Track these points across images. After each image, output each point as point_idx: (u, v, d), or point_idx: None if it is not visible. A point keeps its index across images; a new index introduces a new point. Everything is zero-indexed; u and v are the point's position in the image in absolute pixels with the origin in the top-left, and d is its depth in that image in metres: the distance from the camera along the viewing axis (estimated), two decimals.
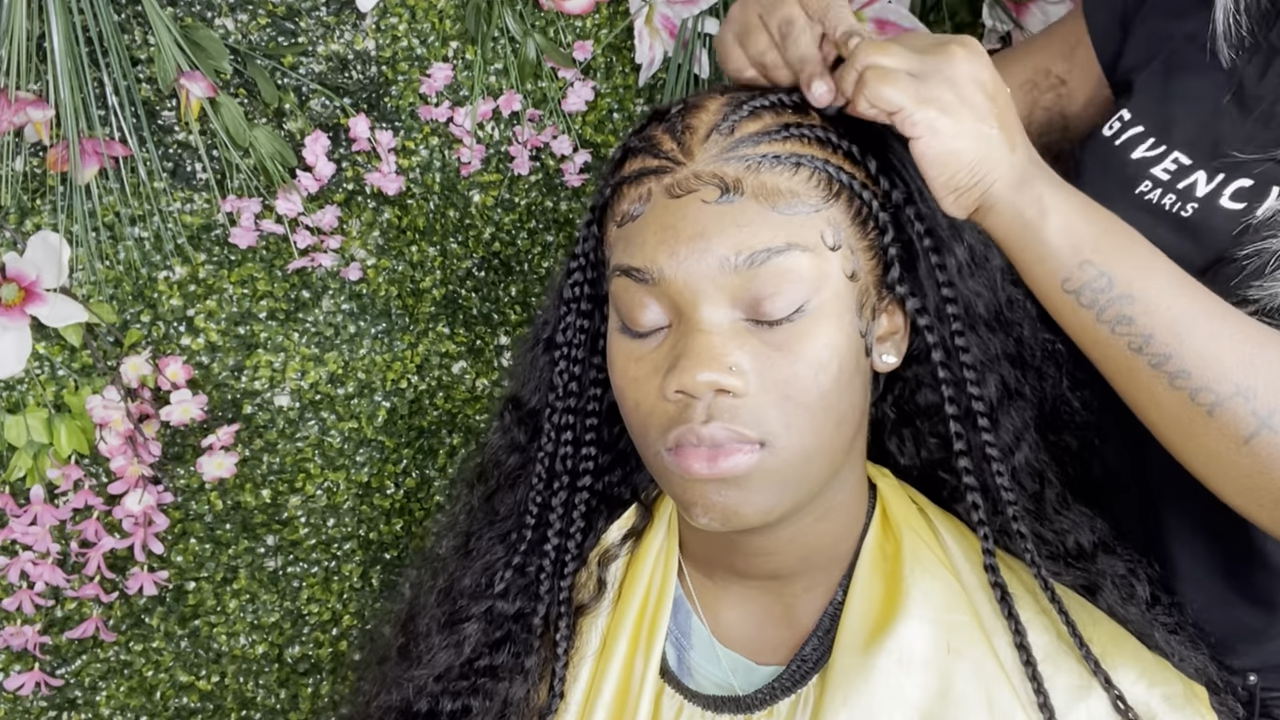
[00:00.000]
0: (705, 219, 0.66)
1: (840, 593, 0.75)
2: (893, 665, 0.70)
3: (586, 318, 0.77)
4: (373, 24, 1.12)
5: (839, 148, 0.69)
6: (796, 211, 0.66)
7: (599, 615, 0.79)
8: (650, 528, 0.81)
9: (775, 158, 0.67)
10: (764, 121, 0.68)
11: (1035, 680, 0.70)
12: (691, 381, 0.64)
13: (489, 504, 0.84)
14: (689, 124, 0.69)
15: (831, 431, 0.68)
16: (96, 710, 1.19)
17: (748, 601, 0.77)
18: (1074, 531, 0.77)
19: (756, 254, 0.65)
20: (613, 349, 0.71)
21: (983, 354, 0.74)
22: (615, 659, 0.76)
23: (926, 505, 0.78)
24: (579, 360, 0.78)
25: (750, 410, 0.65)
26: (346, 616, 1.24)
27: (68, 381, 1.11)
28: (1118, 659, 0.71)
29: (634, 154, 0.71)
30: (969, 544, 0.76)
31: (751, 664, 0.76)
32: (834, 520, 0.74)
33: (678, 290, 0.66)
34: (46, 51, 1.01)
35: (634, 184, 0.69)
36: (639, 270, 0.67)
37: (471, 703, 0.78)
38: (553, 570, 0.79)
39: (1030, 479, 0.76)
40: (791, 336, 0.66)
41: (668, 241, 0.66)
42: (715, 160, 0.67)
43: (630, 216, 0.69)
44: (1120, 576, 0.77)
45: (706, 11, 1.14)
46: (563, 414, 0.78)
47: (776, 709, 0.73)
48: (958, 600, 0.73)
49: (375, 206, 1.16)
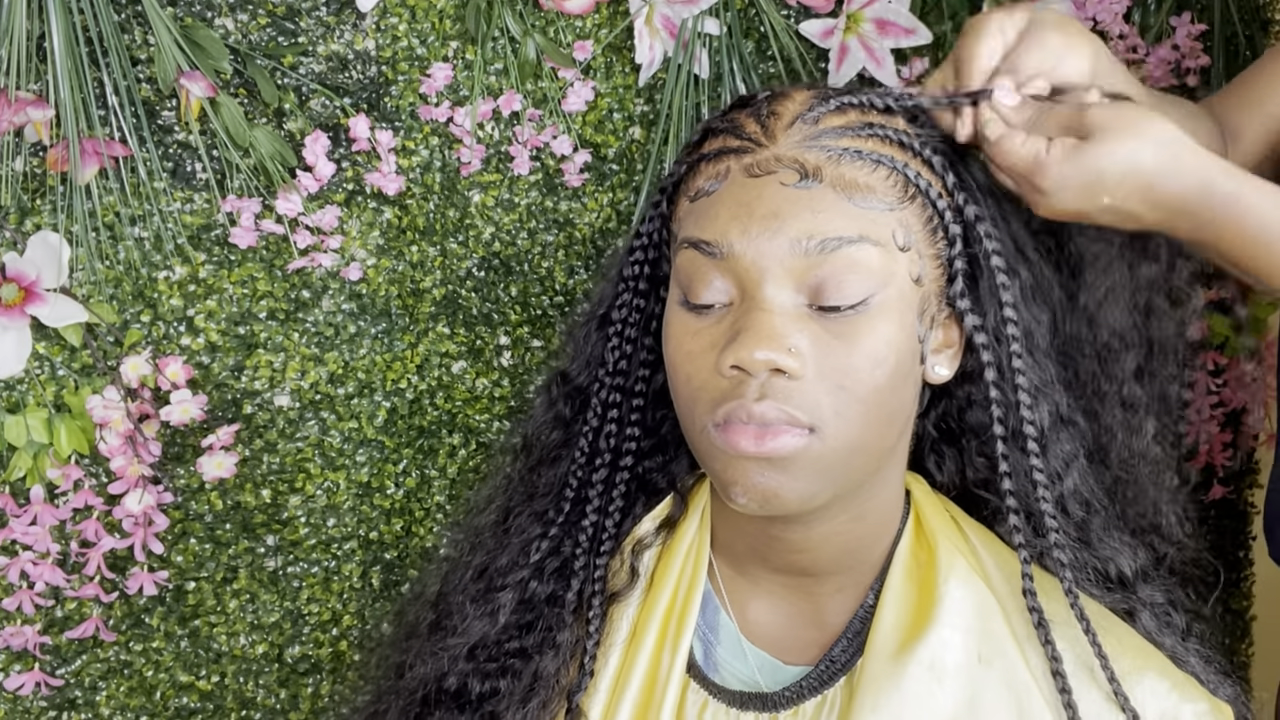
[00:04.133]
0: (780, 200, 0.66)
1: (872, 596, 0.75)
2: (924, 673, 0.70)
3: (643, 297, 0.77)
4: (373, 24, 1.12)
5: (919, 154, 0.70)
6: (871, 207, 0.67)
7: (630, 604, 0.78)
8: (684, 519, 0.80)
9: (856, 152, 0.68)
10: (849, 117, 0.69)
11: (1066, 692, 0.70)
12: (749, 357, 0.64)
13: (529, 478, 0.84)
14: (774, 110, 0.70)
15: (879, 427, 0.68)
16: (96, 710, 1.19)
17: (777, 599, 0.77)
18: (1115, 559, 0.77)
19: (828, 240, 0.65)
20: (671, 322, 0.71)
21: (1038, 379, 0.74)
22: (644, 650, 0.76)
23: (960, 515, 0.78)
24: (631, 340, 0.78)
25: (804, 394, 0.65)
26: (346, 616, 1.24)
27: (68, 381, 1.11)
28: (1149, 670, 0.71)
29: (715, 134, 0.71)
30: (1002, 556, 0.76)
31: (779, 663, 0.76)
32: (870, 522, 0.74)
33: (745, 267, 0.66)
34: (46, 51, 1.01)
35: (712, 161, 0.70)
36: (708, 243, 0.67)
37: (500, 684, 0.78)
38: (589, 548, 0.79)
39: (1078, 506, 0.76)
40: (853, 327, 0.66)
41: (740, 218, 0.66)
42: (797, 146, 0.68)
43: (705, 192, 0.69)
44: (1158, 605, 0.77)
45: (706, 11, 1.14)
46: (610, 391, 0.79)
47: (802, 709, 0.73)
48: (990, 610, 0.73)
49: (375, 206, 1.16)
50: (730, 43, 1.16)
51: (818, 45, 1.17)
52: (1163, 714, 0.70)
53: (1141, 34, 1.20)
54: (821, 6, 1.16)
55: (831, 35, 1.16)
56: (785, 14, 1.17)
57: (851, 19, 1.15)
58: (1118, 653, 0.71)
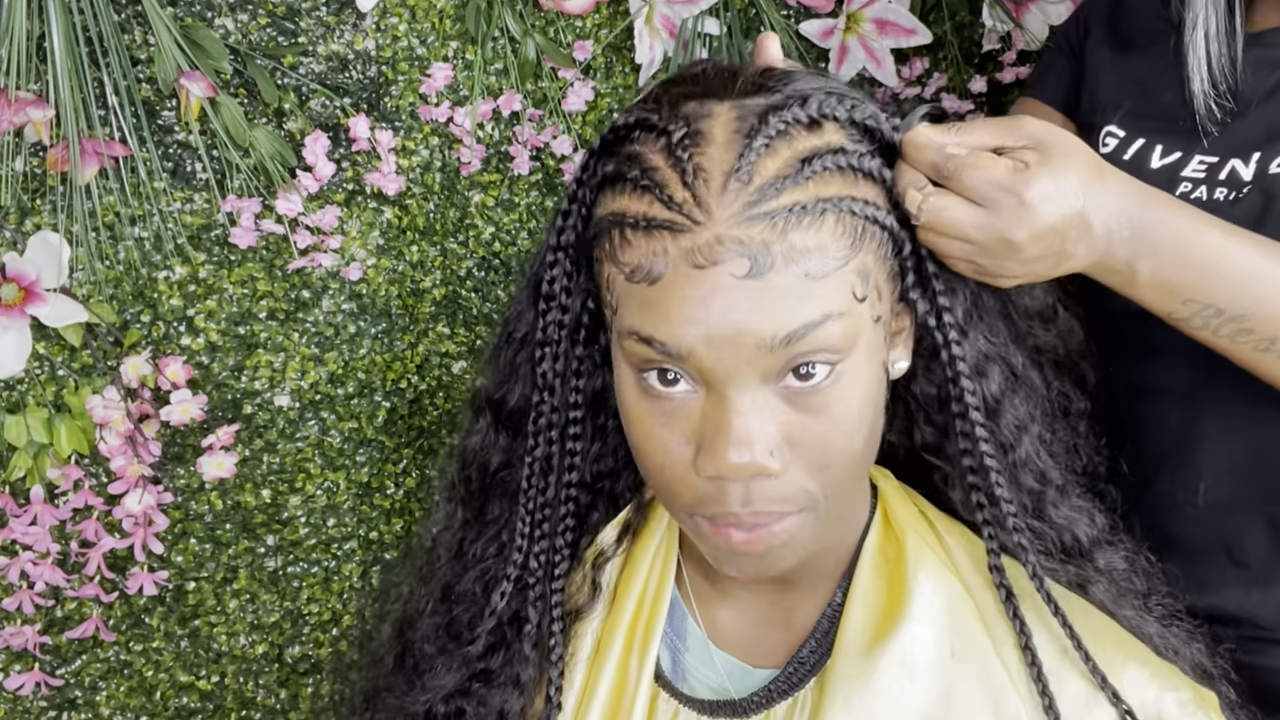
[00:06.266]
0: (736, 297, 0.61)
1: (840, 594, 0.74)
2: (895, 669, 0.70)
3: (565, 311, 0.74)
4: (373, 24, 1.12)
5: (859, 170, 0.66)
6: (826, 270, 0.63)
7: (592, 618, 0.78)
8: (646, 525, 0.80)
9: (801, 209, 0.62)
10: (781, 158, 0.63)
11: (1040, 682, 0.70)
12: (729, 467, 0.62)
13: (474, 508, 0.82)
14: (699, 165, 0.63)
15: (863, 471, 0.68)
16: (96, 710, 1.19)
17: (745, 604, 0.76)
18: (1071, 526, 0.76)
19: (795, 332, 0.62)
20: (631, 406, 0.67)
21: (989, 346, 0.73)
22: (609, 663, 0.75)
23: (928, 508, 0.78)
24: (559, 355, 0.75)
25: (789, 485, 0.64)
26: (346, 616, 1.24)
27: (68, 381, 1.11)
28: (1130, 661, 0.71)
29: (635, 188, 0.64)
30: (973, 548, 0.76)
31: (747, 667, 0.76)
32: (839, 524, 0.74)
33: (709, 368, 0.63)
34: (46, 51, 1.01)
35: (645, 235, 0.64)
36: (663, 343, 0.63)
37: (465, 706, 0.77)
38: (543, 575, 0.78)
39: (1032, 477, 0.75)
40: (826, 401, 0.64)
41: (696, 320, 0.62)
42: (738, 221, 0.61)
43: (645, 274, 0.63)
44: (1118, 570, 0.77)
45: (706, 11, 1.14)
46: (548, 411, 0.76)
47: (773, 713, 0.73)
48: (962, 605, 0.72)
49: (375, 206, 1.16)
50: (730, 43, 1.16)
51: (818, 45, 1.17)
52: (1145, 704, 0.70)
53: None
54: (821, 6, 1.16)
55: (831, 35, 1.16)
56: (785, 14, 1.17)
57: (851, 19, 1.15)
58: (1095, 641, 0.71)
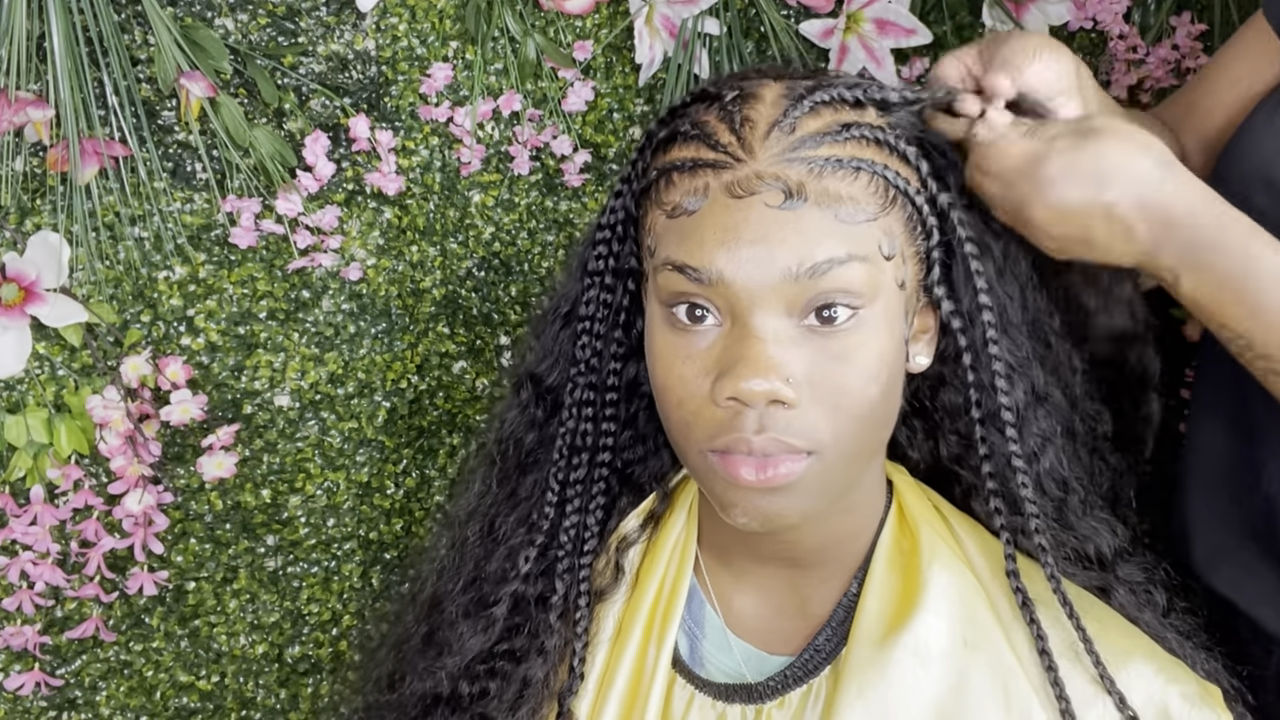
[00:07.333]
0: (768, 224, 0.65)
1: (855, 585, 0.75)
2: (909, 658, 0.71)
3: (610, 291, 0.76)
4: (373, 24, 1.12)
5: (895, 149, 0.69)
6: (856, 220, 0.66)
7: (615, 602, 0.79)
8: (669, 514, 0.80)
9: (837, 161, 0.66)
10: (824, 119, 0.68)
11: (1052, 670, 0.70)
12: (747, 390, 0.64)
13: (508, 484, 0.83)
14: (747, 115, 0.67)
15: (874, 436, 0.69)
16: (96, 710, 1.19)
17: (762, 592, 0.77)
18: (1094, 538, 0.77)
19: (819, 265, 0.64)
20: (656, 340, 0.69)
21: (1013, 358, 0.74)
22: (629, 647, 0.76)
23: (941, 502, 0.79)
24: (601, 335, 0.77)
25: (802, 421, 0.65)
26: (346, 616, 1.24)
27: (68, 381, 1.11)
28: (1135, 654, 0.72)
29: (685, 139, 0.69)
30: (984, 541, 0.76)
31: (764, 654, 0.76)
32: (856, 513, 0.75)
33: (735, 294, 0.65)
34: (46, 51, 1.01)
35: (688, 174, 0.68)
36: (695, 269, 0.66)
37: (490, 685, 0.78)
38: (572, 549, 0.79)
39: (1055, 485, 0.76)
40: (846, 346, 0.66)
41: (728, 244, 0.65)
42: (777, 160, 0.66)
43: (685, 210, 0.67)
44: (1137, 583, 0.77)
45: (706, 11, 1.14)
46: (584, 389, 0.78)
47: (788, 699, 0.74)
48: (975, 595, 0.73)
49: (375, 206, 1.16)
50: (730, 43, 1.16)
51: (818, 45, 1.17)
52: (1150, 697, 0.70)
53: (1141, 34, 1.20)
54: (821, 6, 1.16)
55: (831, 35, 1.16)
56: (785, 14, 1.17)
57: (851, 19, 1.15)
58: (1101, 635, 0.72)
